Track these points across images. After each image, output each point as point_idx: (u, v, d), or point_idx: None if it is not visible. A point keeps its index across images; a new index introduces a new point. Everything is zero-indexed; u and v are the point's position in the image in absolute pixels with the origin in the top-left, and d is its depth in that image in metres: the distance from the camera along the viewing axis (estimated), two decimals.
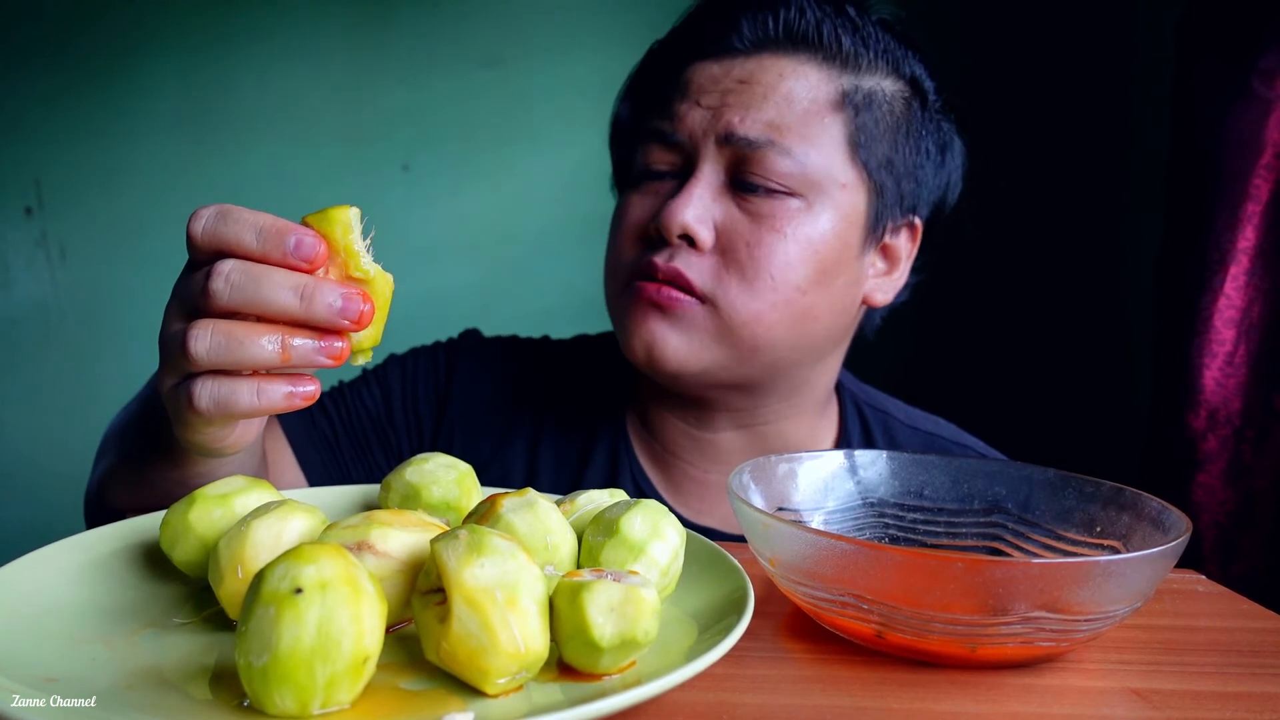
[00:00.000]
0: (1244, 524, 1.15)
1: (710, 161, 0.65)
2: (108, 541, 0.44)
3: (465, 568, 0.32)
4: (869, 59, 0.67)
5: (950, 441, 0.79)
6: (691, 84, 0.67)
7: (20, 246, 1.65)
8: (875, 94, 0.67)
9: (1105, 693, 0.39)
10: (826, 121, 0.65)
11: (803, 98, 0.65)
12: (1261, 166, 1.10)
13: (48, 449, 1.69)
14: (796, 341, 0.67)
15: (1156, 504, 0.45)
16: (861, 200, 0.67)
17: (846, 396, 0.80)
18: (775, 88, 0.65)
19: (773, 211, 0.64)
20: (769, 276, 0.64)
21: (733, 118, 0.64)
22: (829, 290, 0.67)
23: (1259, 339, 1.13)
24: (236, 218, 0.41)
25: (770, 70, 0.65)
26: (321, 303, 0.39)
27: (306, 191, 1.68)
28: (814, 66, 0.66)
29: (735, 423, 0.74)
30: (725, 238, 0.64)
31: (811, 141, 0.64)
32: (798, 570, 0.41)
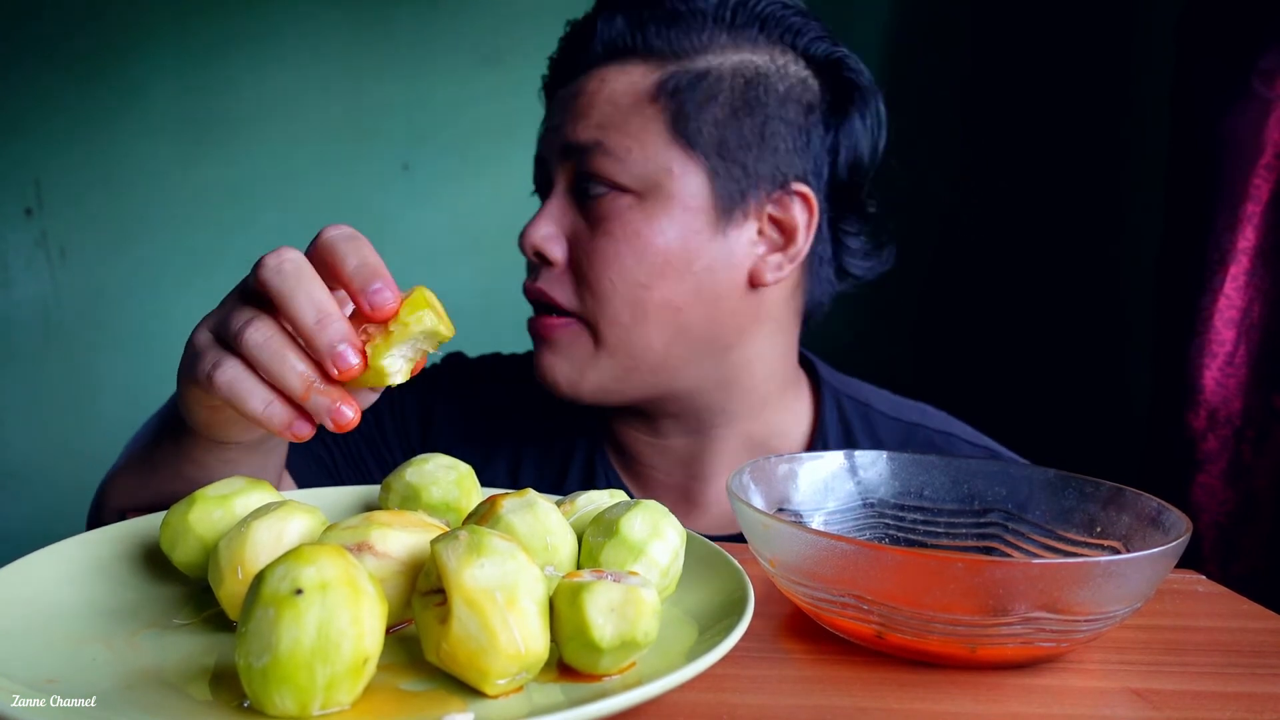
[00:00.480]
0: (1244, 524, 1.15)
1: (560, 177, 0.69)
2: (108, 542, 0.44)
3: (465, 568, 0.32)
4: (699, 42, 0.67)
5: (935, 430, 0.78)
6: (548, 113, 0.73)
7: (20, 246, 1.65)
8: (706, 74, 0.67)
9: (1105, 693, 0.39)
10: (647, 113, 0.66)
11: (623, 96, 0.67)
12: (1261, 166, 1.10)
13: (48, 449, 1.69)
14: (672, 336, 0.67)
15: (1156, 504, 0.45)
16: (698, 183, 0.67)
17: (825, 390, 0.79)
18: (599, 93, 0.68)
19: (605, 213, 0.66)
20: (609, 280, 0.66)
21: (566, 130, 0.68)
22: (683, 280, 0.67)
23: (1259, 339, 1.13)
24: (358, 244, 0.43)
25: (594, 80, 0.68)
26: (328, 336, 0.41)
27: (306, 191, 1.68)
28: (632, 65, 0.68)
29: (685, 428, 0.74)
30: (573, 249, 0.68)
31: (634, 136, 0.66)
32: (798, 571, 0.41)
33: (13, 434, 1.69)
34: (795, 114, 0.69)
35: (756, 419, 0.75)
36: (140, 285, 1.67)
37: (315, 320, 0.41)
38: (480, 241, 1.67)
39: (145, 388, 1.67)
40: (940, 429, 0.78)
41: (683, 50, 0.67)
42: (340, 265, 0.42)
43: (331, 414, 0.41)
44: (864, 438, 0.76)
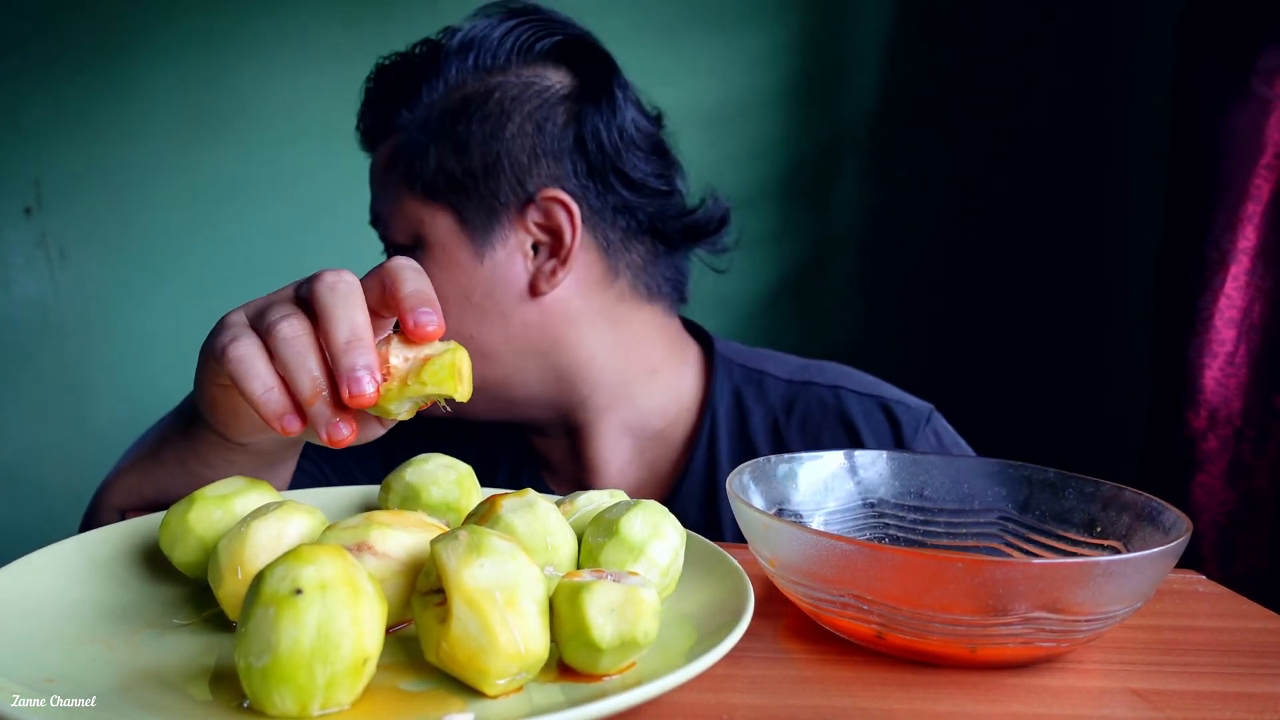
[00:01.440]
0: (1244, 524, 1.15)
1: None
2: (108, 542, 0.44)
3: (465, 568, 0.32)
4: (386, 123, 0.74)
5: (824, 386, 0.78)
6: None
7: (20, 246, 1.65)
8: (421, 125, 0.72)
9: (1106, 693, 0.39)
10: (391, 179, 0.73)
11: (379, 171, 0.75)
12: (1262, 166, 1.10)
13: (47, 449, 1.69)
14: (479, 362, 0.71)
15: (1157, 504, 0.45)
16: (447, 223, 0.71)
17: (719, 362, 0.80)
18: (375, 171, 0.76)
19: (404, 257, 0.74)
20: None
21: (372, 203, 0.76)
22: (466, 310, 0.71)
23: (1259, 339, 1.13)
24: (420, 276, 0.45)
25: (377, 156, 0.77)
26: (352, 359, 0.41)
27: (307, 191, 1.68)
28: (386, 141, 0.75)
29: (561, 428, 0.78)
30: None
31: (390, 203, 0.73)
32: (798, 571, 0.41)
33: (11, 434, 1.69)
34: (518, 129, 0.71)
35: (626, 405, 0.77)
36: (140, 285, 1.67)
37: (346, 340, 0.42)
38: None
39: (144, 388, 1.67)
40: (829, 384, 0.79)
41: (410, 120, 0.73)
42: (399, 288, 0.44)
43: (329, 427, 0.42)
44: (756, 405, 0.78)
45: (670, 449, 0.79)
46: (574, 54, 0.73)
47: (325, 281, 0.44)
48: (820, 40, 1.65)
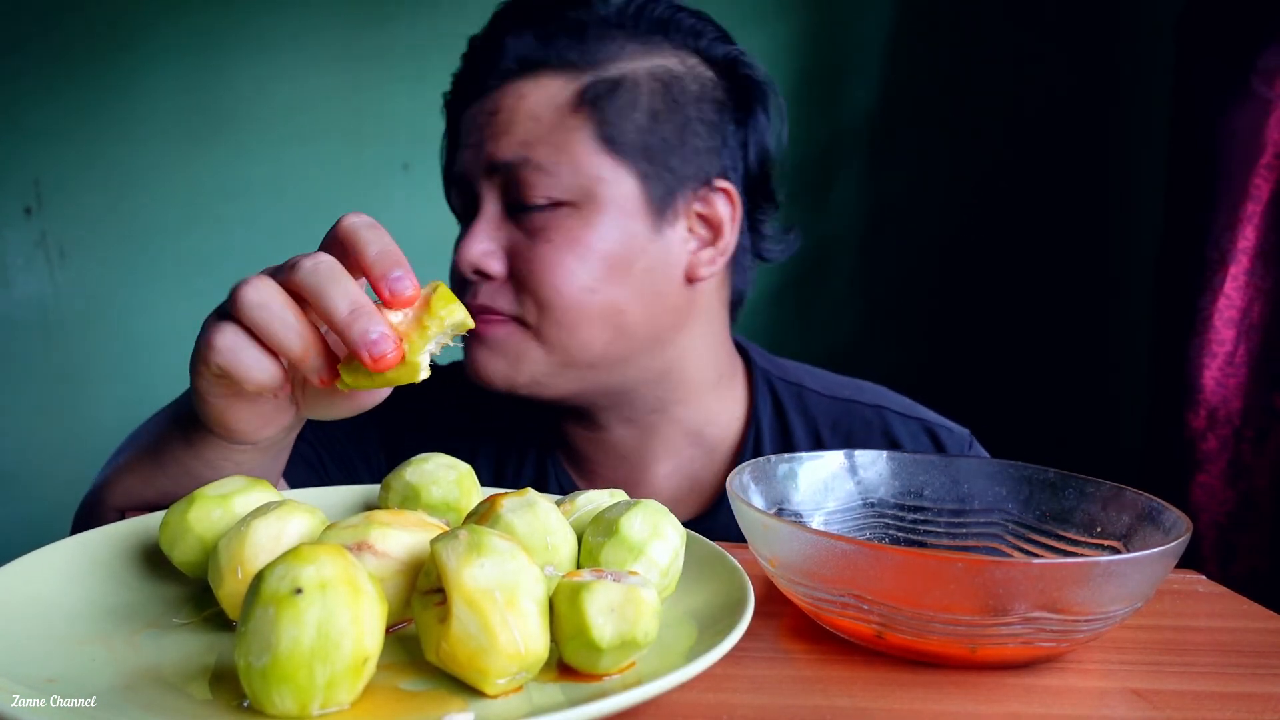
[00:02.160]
0: (1244, 524, 1.15)
1: (487, 194, 0.69)
2: (108, 541, 0.44)
3: (465, 568, 0.32)
4: (610, 50, 0.69)
5: (867, 405, 0.79)
6: (460, 130, 0.72)
7: (20, 246, 1.65)
8: (623, 80, 0.69)
9: (1106, 693, 0.39)
10: (570, 124, 0.68)
11: (544, 110, 0.68)
12: (1262, 166, 1.10)
13: (47, 449, 1.69)
14: (613, 337, 0.69)
15: (1156, 504, 0.45)
16: (630, 187, 0.69)
17: (758, 374, 0.81)
18: (518, 109, 0.68)
19: (545, 224, 0.67)
20: (551, 288, 0.67)
21: (490, 148, 0.68)
22: (625, 281, 0.69)
23: (1259, 339, 1.13)
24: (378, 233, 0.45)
25: (510, 95, 0.69)
26: (362, 326, 0.41)
27: (307, 191, 1.68)
28: (547, 77, 0.68)
29: (623, 420, 0.76)
30: (514, 262, 0.69)
31: (561, 149, 0.67)
32: (798, 570, 0.41)
33: (11, 434, 1.69)
34: (709, 113, 0.72)
35: (692, 408, 0.77)
36: (140, 285, 1.67)
37: (349, 311, 0.41)
38: None
39: (144, 388, 1.67)
40: (873, 403, 0.79)
41: (595, 59, 0.69)
42: (361, 251, 0.43)
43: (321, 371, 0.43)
44: (797, 418, 0.78)
45: (714, 460, 0.78)
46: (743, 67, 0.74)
47: (303, 267, 0.43)
48: (821, 40, 1.65)
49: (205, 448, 0.53)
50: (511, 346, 0.69)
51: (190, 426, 0.53)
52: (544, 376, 0.70)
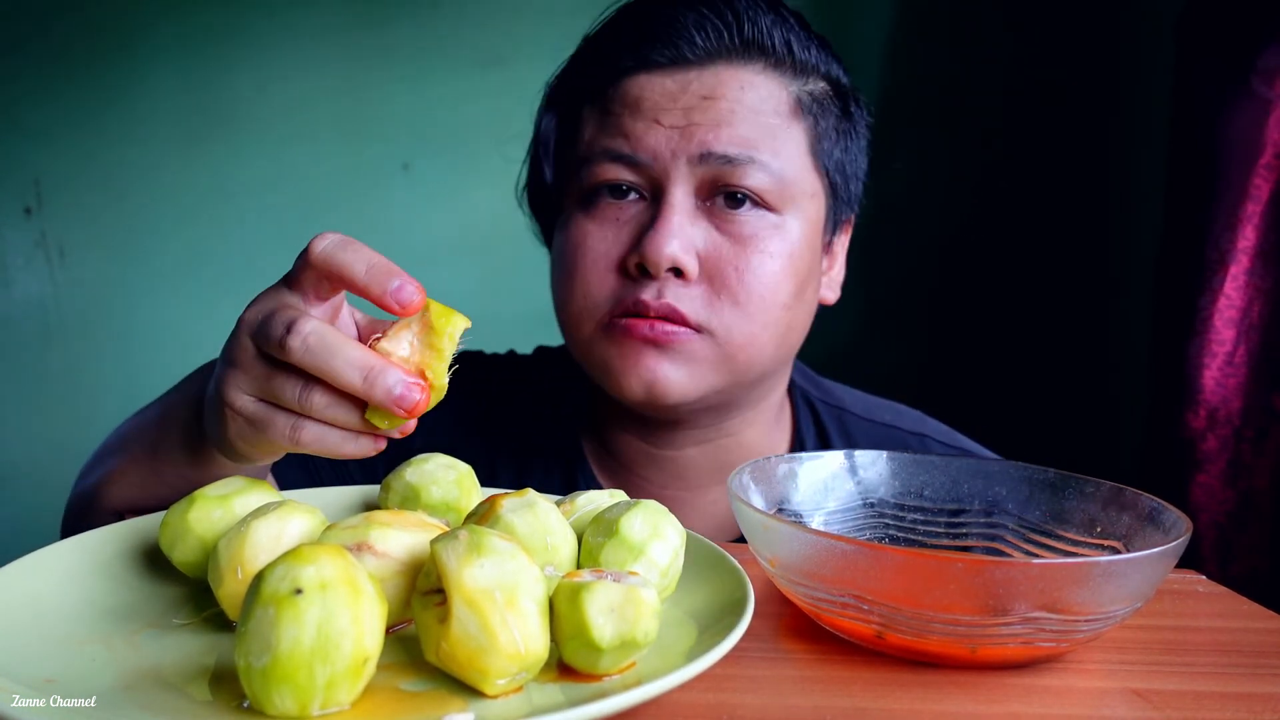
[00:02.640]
0: (1244, 524, 1.15)
1: (682, 183, 0.62)
2: (108, 542, 0.44)
3: (465, 568, 0.32)
4: (810, 62, 0.66)
5: (909, 433, 0.77)
6: (643, 100, 0.63)
7: (20, 246, 1.65)
8: (821, 97, 0.67)
9: (1106, 693, 0.39)
10: (793, 130, 0.64)
11: (766, 109, 0.63)
12: (1261, 166, 1.10)
13: (47, 449, 1.69)
14: (780, 355, 0.67)
15: (1156, 504, 0.45)
16: (822, 206, 0.67)
17: (799, 395, 0.78)
18: (740, 100, 0.62)
19: (754, 230, 0.63)
20: (759, 298, 0.63)
21: (706, 136, 0.62)
22: (803, 300, 0.67)
23: (1259, 339, 1.13)
24: (355, 249, 0.42)
25: (731, 83, 0.63)
26: (382, 386, 0.41)
27: (307, 191, 1.68)
28: (767, 75, 0.64)
29: (697, 439, 0.72)
30: (710, 264, 0.63)
31: (780, 153, 0.63)
32: (798, 571, 0.41)
33: (11, 433, 1.69)
34: (864, 141, 0.72)
35: (758, 431, 0.74)
36: (140, 285, 1.67)
37: (363, 377, 0.40)
38: (480, 241, 1.67)
39: (144, 388, 1.67)
40: (914, 430, 0.77)
41: (806, 64, 0.65)
42: (350, 274, 0.41)
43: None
44: (839, 443, 0.76)
45: None
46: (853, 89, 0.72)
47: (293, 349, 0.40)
48: None
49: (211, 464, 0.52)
50: (697, 362, 0.63)
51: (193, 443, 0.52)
52: (712, 393, 0.65)
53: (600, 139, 0.64)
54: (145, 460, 0.57)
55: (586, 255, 0.64)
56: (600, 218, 0.65)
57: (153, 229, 1.67)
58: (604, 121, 0.65)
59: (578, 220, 0.66)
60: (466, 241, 1.69)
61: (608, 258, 0.64)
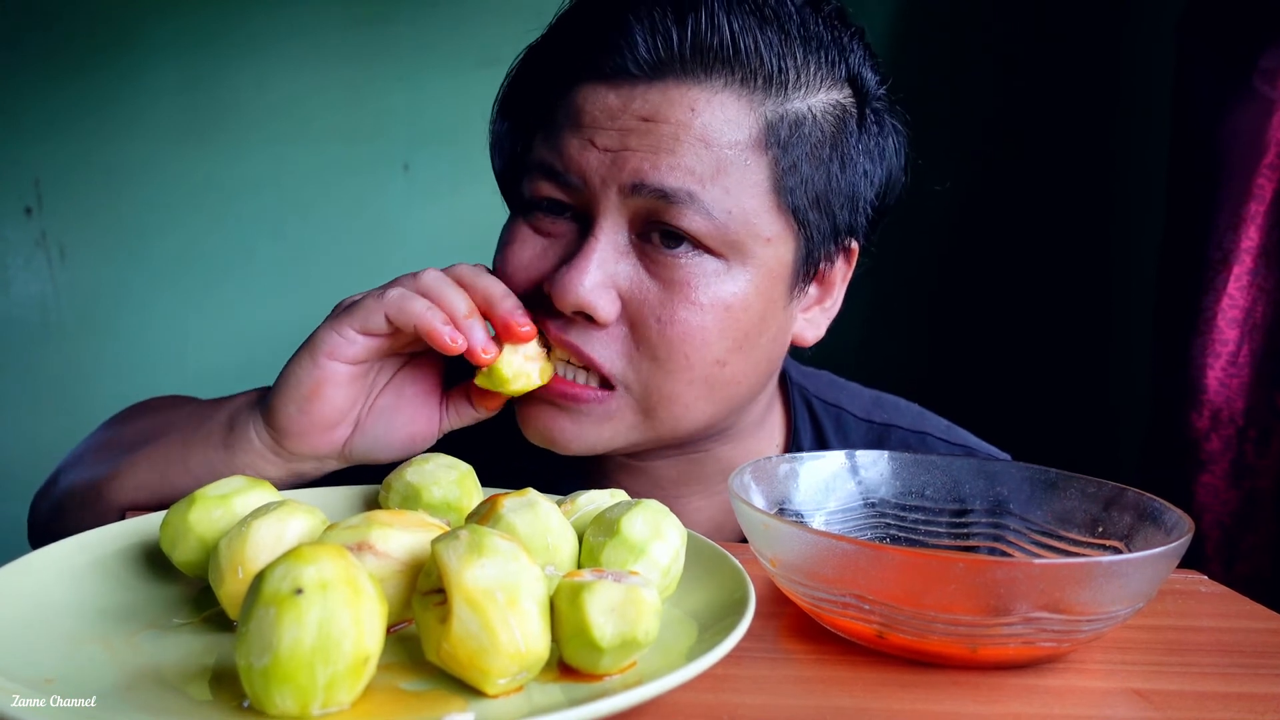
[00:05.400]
0: (1247, 524, 1.15)
1: (611, 215, 0.55)
2: (108, 541, 0.44)
3: (466, 568, 0.32)
4: (796, 71, 0.55)
5: (909, 431, 0.72)
6: (582, 114, 0.55)
7: (20, 246, 1.65)
8: (804, 120, 0.56)
9: (1107, 693, 0.39)
10: (749, 165, 0.54)
11: (721, 138, 0.53)
12: (1264, 166, 1.10)
13: (47, 449, 1.68)
14: (720, 409, 0.60)
15: (1159, 504, 0.45)
16: (788, 251, 0.58)
17: (794, 392, 0.72)
18: (688, 126, 0.53)
19: (686, 277, 0.54)
20: (683, 356, 0.55)
21: (641, 164, 0.53)
22: (751, 354, 0.58)
23: (1262, 339, 1.13)
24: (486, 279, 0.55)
25: (679, 104, 0.53)
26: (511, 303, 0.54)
27: (307, 191, 1.68)
28: (731, 94, 0.54)
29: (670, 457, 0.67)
30: (632, 308, 0.55)
31: (731, 191, 0.54)
32: (799, 571, 0.41)
33: (10, 433, 1.69)
34: (873, 158, 0.60)
35: (737, 446, 0.69)
36: (140, 285, 1.67)
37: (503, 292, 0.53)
38: (480, 241, 1.67)
39: (144, 388, 1.67)
40: (914, 428, 0.73)
41: (784, 82, 0.55)
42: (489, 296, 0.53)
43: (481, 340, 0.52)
44: (837, 444, 0.71)
45: None
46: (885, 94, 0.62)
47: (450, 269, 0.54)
48: None
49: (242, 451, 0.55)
50: (607, 421, 0.57)
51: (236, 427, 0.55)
52: (627, 444, 0.59)
53: (541, 150, 0.58)
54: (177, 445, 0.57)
55: (510, 262, 0.58)
56: (534, 226, 0.59)
57: (152, 228, 1.67)
58: (548, 131, 0.58)
59: (516, 221, 0.60)
60: (466, 241, 1.69)
61: (528, 272, 0.58)
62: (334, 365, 0.52)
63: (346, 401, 0.54)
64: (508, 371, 0.53)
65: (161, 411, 0.66)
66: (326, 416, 0.53)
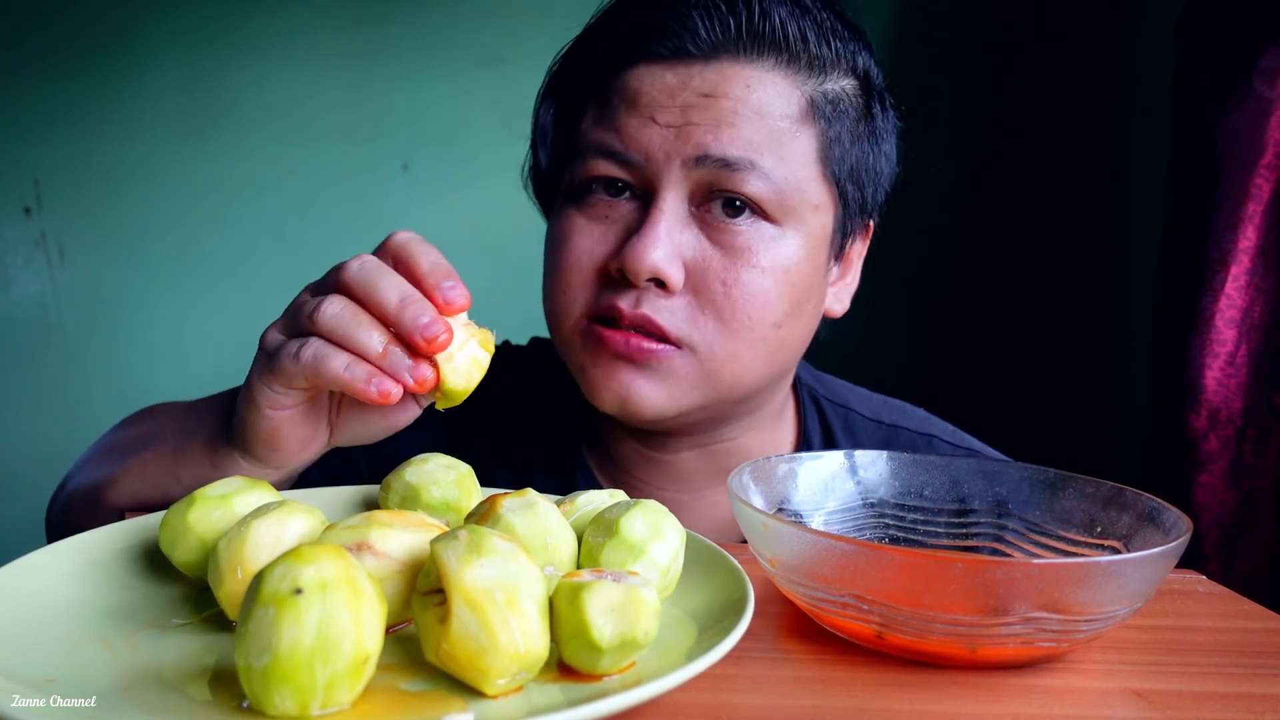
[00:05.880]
0: (1245, 524, 1.15)
1: (674, 187, 0.59)
2: (108, 541, 0.44)
3: (465, 568, 0.32)
4: (831, 57, 0.61)
5: (916, 433, 0.75)
6: (640, 94, 0.59)
7: (19, 246, 1.65)
8: (840, 99, 0.62)
9: (1106, 693, 0.39)
10: (799, 136, 0.59)
11: (774, 111, 0.58)
12: (1263, 166, 1.10)
13: (46, 449, 1.69)
14: (771, 372, 0.64)
15: (1157, 504, 0.45)
16: (830, 218, 0.63)
17: (804, 393, 0.75)
18: (745, 100, 0.58)
19: (747, 243, 0.59)
20: (746, 316, 0.59)
21: (704, 137, 0.57)
22: (801, 318, 0.63)
23: (1260, 339, 1.13)
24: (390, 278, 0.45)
25: (735, 80, 0.58)
26: (411, 311, 0.44)
27: (306, 190, 1.68)
28: (779, 73, 0.59)
29: (694, 444, 0.70)
30: (697, 275, 0.59)
31: (785, 161, 0.59)
32: (798, 571, 0.41)
33: (10, 433, 1.69)
34: (890, 144, 0.67)
35: (758, 435, 0.72)
36: (139, 285, 1.67)
37: (399, 300, 0.44)
38: (480, 241, 1.67)
39: (144, 388, 1.67)
40: (920, 430, 0.76)
41: (822, 63, 0.60)
42: (415, 263, 0.45)
43: (412, 373, 0.44)
44: (845, 443, 0.74)
45: None
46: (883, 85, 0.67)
47: (350, 268, 0.45)
48: None
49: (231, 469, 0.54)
50: (676, 379, 0.60)
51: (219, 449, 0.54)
52: (694, 410, 0.62)
53: (595, 132, 0.61)
54: (167, 457, 0.57)
55: (571, 252, 0.61)
56: (590, 214, 0.62)
57: (152, 228, 1.67)
58: (601, 113, 0.61)
59: (568, 214, 0.63)
60: (466, 241, 1.69)
61: (591, 256, 0.61)
62: (278, 413, 0.50)
63: (308, 429, 0.52)
64: (458, 381, 0.46)
65: (157, 418, 0.66)
66: (293, 445, 0.52)
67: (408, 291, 0.44)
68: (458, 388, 0.46)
